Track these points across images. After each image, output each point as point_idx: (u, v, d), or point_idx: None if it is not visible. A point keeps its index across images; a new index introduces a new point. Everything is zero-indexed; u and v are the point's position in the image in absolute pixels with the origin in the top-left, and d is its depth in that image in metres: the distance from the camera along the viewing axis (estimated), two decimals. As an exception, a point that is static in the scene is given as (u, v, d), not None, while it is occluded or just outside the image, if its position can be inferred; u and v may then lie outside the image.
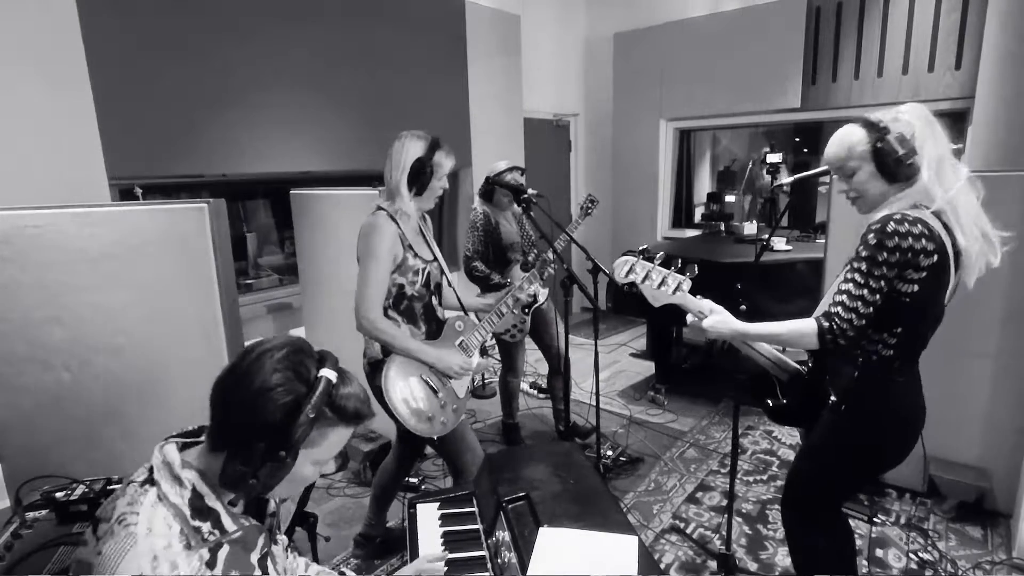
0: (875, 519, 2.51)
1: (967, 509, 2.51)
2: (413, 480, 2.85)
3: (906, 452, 1.55)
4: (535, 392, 4.02)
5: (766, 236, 2.35)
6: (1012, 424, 2.46)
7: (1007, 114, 3.40)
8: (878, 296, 1.37)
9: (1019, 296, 2.39)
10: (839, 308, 1.40)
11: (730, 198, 5.45)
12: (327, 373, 0.91)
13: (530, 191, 2.56)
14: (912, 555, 2.30)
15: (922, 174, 1.39)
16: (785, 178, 2.05)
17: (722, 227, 4.91)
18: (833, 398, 1.56)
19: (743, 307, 1.79)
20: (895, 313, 1.41)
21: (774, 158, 3.75)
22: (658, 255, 1.60)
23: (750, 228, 4.45)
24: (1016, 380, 2.44)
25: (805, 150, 5.90)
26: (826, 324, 1.40)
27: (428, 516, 1.54)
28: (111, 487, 1.60)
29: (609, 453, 3.06)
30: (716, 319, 1.55)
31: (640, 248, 1.62)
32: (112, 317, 1.88)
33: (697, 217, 5.72)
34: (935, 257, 1.35)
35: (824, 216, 2.73)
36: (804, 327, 1.44)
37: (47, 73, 2.51)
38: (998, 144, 3.41)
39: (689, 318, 1.60)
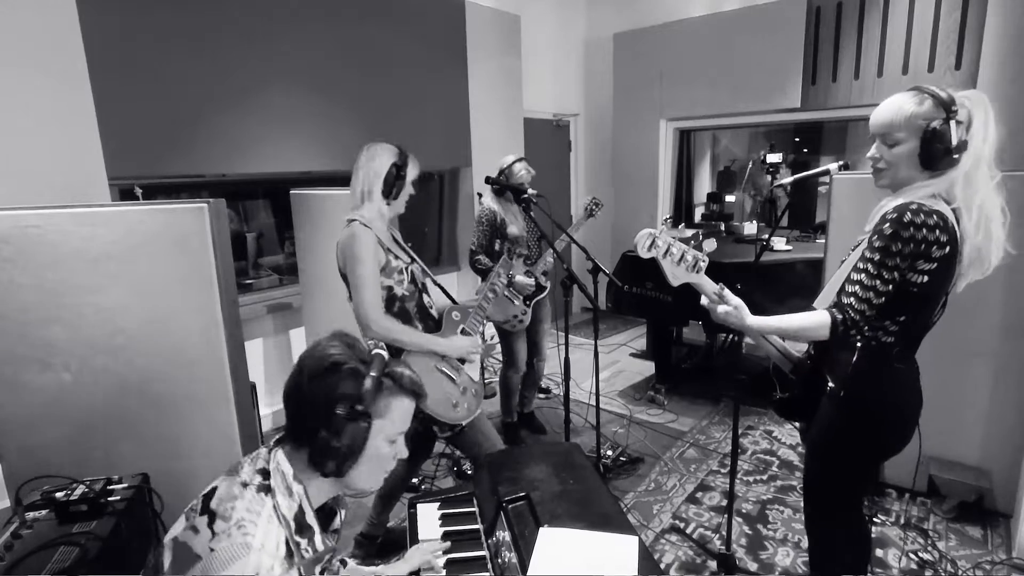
0: (875, 519, 2.51)
1: (967, 509, 2.51)
2: (413, 480, 2.86)
3: (906, 439, 1.54)
4: (537, 393, 4.01)
5: (766, 236, 2.35)
6: (1012, 424, 2.46)
7: (1007, 114, 3.39)
8: (890, 287, 1.36)
9: (1019, 296, 2.39)
10: (851, 299, 1.39)
11: (730, 198, 5.45)
12: (379, 351, 1.04)
13: (530, 191, 2.57)
14: (912, 555, 2.30)
15: (955, 171, 1.34)
16: (785, 178, 2.04)
17: (722, 227, 4.91)
18: (831, 385, 1.55)
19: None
20: (901, 302, 1.39)
21: (774, 158, 3.75)
22: (679, 227, 1.57)
23: (750, 228, 4.45)
24: (1016, 380, 2.44)
25: (805, 150, 5.90)
26: (839, 316, 1.39)
27: (428, 516, 1.54)
28: (111, 487, 1.60)
29: (609, 453, 3.06)
30: (729, 309, 1.50)
31: (665, 217, 1.61)
32: (112, 317, 1.88)
33: (697, 217, 5.72)
34: (947, 249, 1.33)
35: (824, 216, 2.73)
36: (817, 319, 1.42)
37: (47, 73, 2.51)
38: (998, 144, 3.41)
39: (703, 299, 1.57)
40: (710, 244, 1.55)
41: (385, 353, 1.05)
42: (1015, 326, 2.42)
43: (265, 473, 0.98)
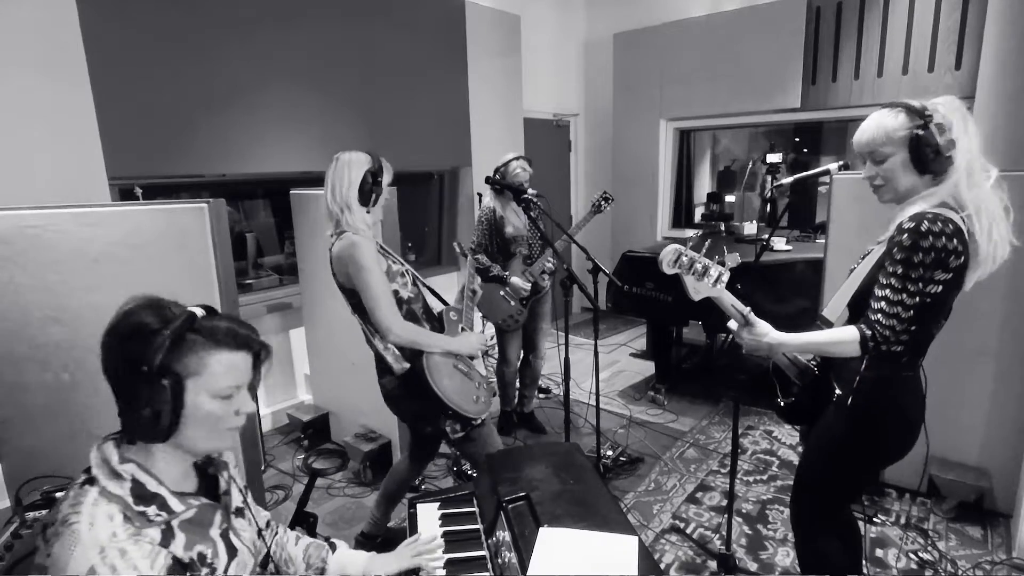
0: (875, 519, 2.51)
1: (967, 509, 2.51)
2: (413, 480, 2.86)
3: (909, 445, 1.54)
4: (537, 393, 4.01)
5: (766, 236, 2.35)
6: (1012, 424, 2.46)
7: (1007, 114, 3.40)
8: (918, 298, 1.34)
9: (1019, 296, 2.39)
10: (879, 315, 1.37)
11: (730, 198, 5.45)
12: (192, 309, 0.95)
13: (530, 191, 2.58)
14: (912, 555, 2.30)
15: (954, 171, 1.35)
16: (785, 178, 2.04)
17: (722, 227, 4.91)
18: (838, 392, 1.55)
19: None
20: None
21: (774, 158, 3.75)
22: (706, 243, 1.54)
23: (750, 228, 4.45)
24: (1016, 380, 2.44)
25: (805, 150, 5.89)
26: (868, 332, 1.38)
27: (428, 516, 1.54)
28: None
29: (609, 453, 3.06)
30: (752, 332, 1.49)
31: (692, 235, 1.58)
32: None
33: (697, 217, 5.72)
34: (962, 259, 1.33)
35: (824, 216, 2.73)
36: (845, 335, 1.41)
37: (47, 72, 2.50)
38: (998, 144, 3.41)
39: (731, 323, 1.54)
40: (733, 259, 1.52)
41: (198, 311, 0.95)
42: (1016, 326, 2.42)
43: (88, 470, 0.94)
